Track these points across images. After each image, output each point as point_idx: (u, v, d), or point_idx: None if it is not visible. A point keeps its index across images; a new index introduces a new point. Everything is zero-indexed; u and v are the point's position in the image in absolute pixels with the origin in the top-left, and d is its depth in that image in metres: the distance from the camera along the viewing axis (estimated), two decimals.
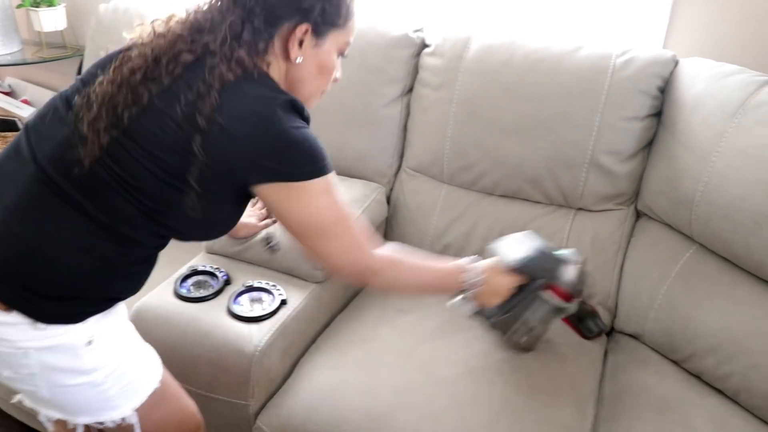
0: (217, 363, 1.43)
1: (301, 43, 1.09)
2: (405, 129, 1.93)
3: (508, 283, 1.33)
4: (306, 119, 1.09)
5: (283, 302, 1.52)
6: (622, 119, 1.66)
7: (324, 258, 1.16)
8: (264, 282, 1.56)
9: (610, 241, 1.72)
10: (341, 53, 1.19)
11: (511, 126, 1.73)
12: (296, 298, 1.54)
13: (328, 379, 1.44)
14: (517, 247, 1.37)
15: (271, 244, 1.60)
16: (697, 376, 1.53)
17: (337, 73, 1.21)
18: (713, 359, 1.48)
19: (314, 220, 1.10)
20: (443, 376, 1.44)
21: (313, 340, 1.59)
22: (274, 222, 1.65)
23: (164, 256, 1.81)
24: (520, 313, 1.39)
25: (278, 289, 1.54)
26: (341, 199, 1.12)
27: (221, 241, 1.64)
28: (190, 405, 1.30)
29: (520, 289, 1.35)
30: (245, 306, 1.51)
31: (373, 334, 1.57)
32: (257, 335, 1.43)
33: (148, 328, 1.44)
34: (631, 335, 1.69)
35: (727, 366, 1.46)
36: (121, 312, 1.19)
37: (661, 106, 1.69)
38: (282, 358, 1.48)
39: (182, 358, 1.45)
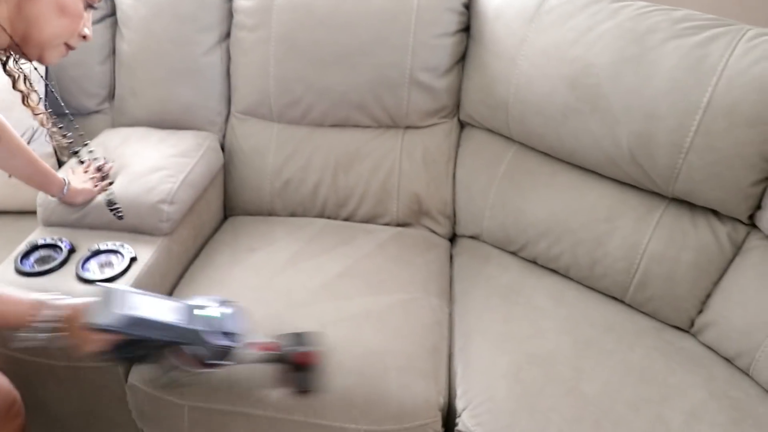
0: None
1: None
2: (228, 74, 1.93)
3: (96, 343, 1.09)
4: None
5: (133, 260, 1.50)
6: (433, 37, 1.75)
7: None
8: (110, 243, 1.53)
9: (439, 153, 1.83)
10: (90, 3, 1.10)
11: (330, 56, 1.77)
12: (146, 253, 1.53)
13: None
14: (114, 304, 1.10)
15: (114, 208, 1.56)
16: (534, 262, 1.69)
17: (87, 29, 1.12)
18: (545, 243, 1.64)
19: None
20: (303, 300, 1.49)
21: (170, 293, 1.59)
22: (110, 184, 1.62)
23: None
24: (145, 359, 1.21)
25: (126, 248, 1.52)
26: None
27: (58, 211, 1.58)
28: None
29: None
30: (95, 271, 1.48)
31: (228, 275, 1.60)
32: None
33: None
34: (471, 237, 1.83)
35: (556, 247, 1.62)
36: None
37: (468, 20, 1.79)
38: None
39: None
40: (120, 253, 1.51)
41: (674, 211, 1.50)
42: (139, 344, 1.13)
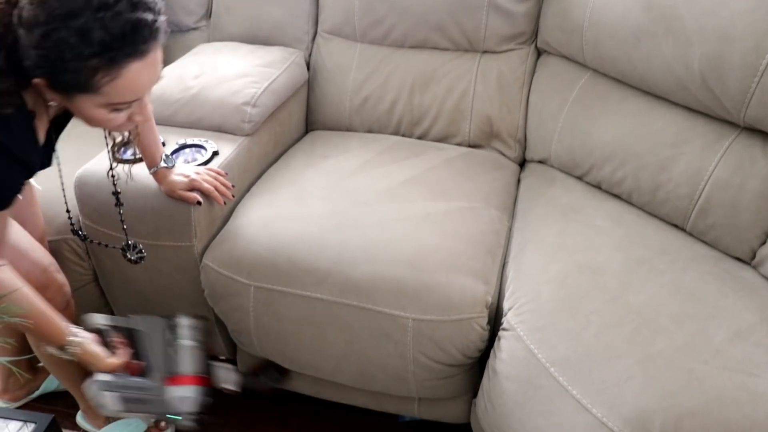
0: (159, 211, 1.51)
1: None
2: None
3: (104, 367, 1.27)
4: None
5: (215, 153, 1.62)
6: None
7: None
8: (196, 139, 1.66)
9: (513, 77, 1.87)
10: (115, 108, 1.08)
11: None
12: (227, 149, 1.65)
13: (264, 215, 1.56)
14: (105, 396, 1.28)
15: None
16: (597, 186, 1.71)
17: (138, 117, 1.14)
18: (609, 167, 1.65)
19: None
20: (367, 200, 1.58)
21: (248, 189, 1.71)
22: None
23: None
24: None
25: (210, 143, 1.64)
26: None
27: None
28: (30, 262, 1.38)
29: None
30: (180, 164, 1.60)
31: (301, 176, 1.70)
32: None
33: (91, 191, 1.55)
34: (539, 161, 1.86)
35: (620, 171, 1.63)
36: None
37: None
38: None
39: (126, 211, 1.53)
40: (204, 147, 1.63)
41: (745, 140, 1.47)
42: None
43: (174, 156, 1.60)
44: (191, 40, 2.14)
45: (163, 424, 1.68)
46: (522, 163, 1.93)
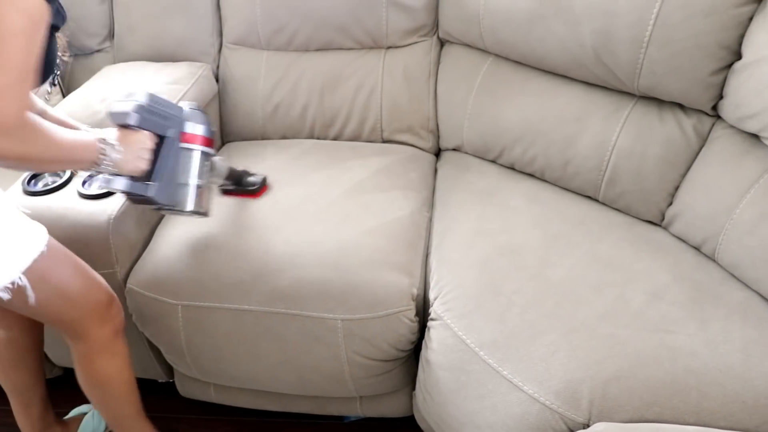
0: (77, 239, 1.48)
1: None
2: (218, 7, 2.01)
3: (142, 141, 1.26)
4: None
5: None
6: None
7: None
8: None
9: (420, 70, 1.90)
10: None
11: None
12: None
13: (185, 233, 1.56)
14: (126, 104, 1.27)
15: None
16: (511, 168, 1.76)
17: None
18: (519, 148, 1.70)
19: None
20: (286, 207, 1.59)
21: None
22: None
23: None
24: (174, 176, 1.34)
25: None
26: (35, 38, 0.99)
27: None
28: (94, 276, 1.35)
29: (158, 153, 1.30)
30: (95, 188, 1.57)
31: None
32: (109, 207, 1.49)
33: None
34: (454, 149, 1.90)
35: (531, 150, 1.68)
36: None
37: None
38: (138, 224, 1.58)
39: None
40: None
41: (642, 108, 1.54)
42: (166, 147, 1.31)
43: (86, 182, 1.57)
44: (96, 63, 2.10)
45: None
46: (437, 153, 1.96)
